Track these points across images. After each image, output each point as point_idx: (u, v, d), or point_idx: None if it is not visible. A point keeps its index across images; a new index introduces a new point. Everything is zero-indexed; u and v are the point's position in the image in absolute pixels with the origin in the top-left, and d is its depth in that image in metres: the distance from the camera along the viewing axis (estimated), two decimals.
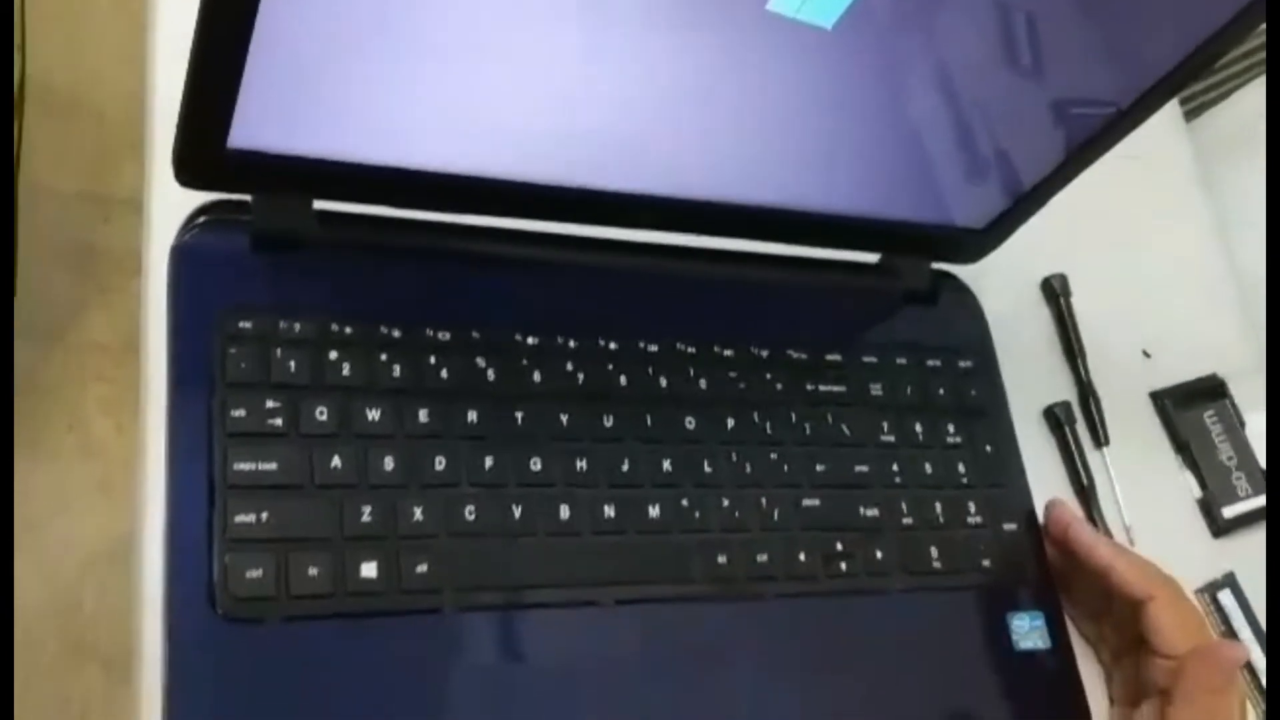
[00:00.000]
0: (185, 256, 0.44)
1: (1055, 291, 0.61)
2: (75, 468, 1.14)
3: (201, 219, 0.44)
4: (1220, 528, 0.60)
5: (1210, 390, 0.62)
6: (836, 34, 0.41)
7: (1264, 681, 0.56)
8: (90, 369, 1.18)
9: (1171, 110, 0.72)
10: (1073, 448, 0.58)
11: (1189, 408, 0.61)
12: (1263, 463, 0.61)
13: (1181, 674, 0.47)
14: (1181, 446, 0.61)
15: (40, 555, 1.10)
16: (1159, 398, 0.62)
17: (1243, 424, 0.61)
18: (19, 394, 1.13)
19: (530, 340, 0.47)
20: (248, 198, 0.44)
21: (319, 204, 0.45)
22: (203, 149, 0.40)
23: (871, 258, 0.57)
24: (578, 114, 0.43)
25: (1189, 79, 0.48)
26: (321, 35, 0.37)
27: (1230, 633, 0.58)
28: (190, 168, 0.41)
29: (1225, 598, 0.58)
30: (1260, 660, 0.57)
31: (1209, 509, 0.60)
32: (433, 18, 0.37)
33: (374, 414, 0.43)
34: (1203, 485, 0.60)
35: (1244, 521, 0.60)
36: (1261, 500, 0.60)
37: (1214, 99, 0.79)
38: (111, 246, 1.23)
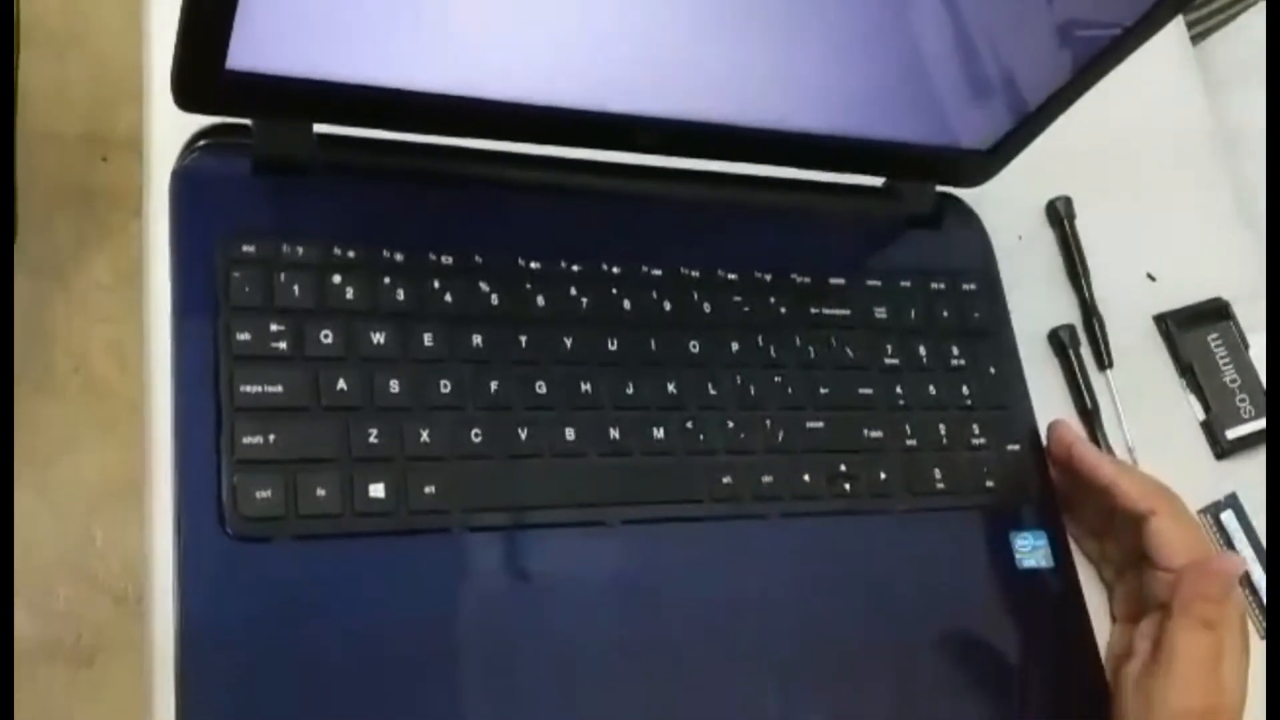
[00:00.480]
0: (186, 180, 0.43)
1: (1060, 214, 0.61)
2: (81, 408, 1.15)
3: (201, 143, 0.44)
4: (1223, 449, 0.60)
5: (1214, 312, 0.62)
6: None
7: (1265, 600, 0.57)
8: (93, 310, 1.18)
9: (1178, 32, 0.71)
10: (1076, 370, 0.58)
11: (1192, 330, 0.61)
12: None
13: (1179, 585, 0.48)
14: (1185, 369, 0.61)
15: (50, 493, 1.11)
16: (1162, 320, 0.61)
17: (1246, 346, 0.61)
18: (23, 335, 1.14)
19: (533, 265, 0.47)
20: (247, 121, 0.44)
21: (320, 127, 0.45)
22: (201, 70, 0.40)
23: (876, 181, 0.56)
24: (580, 36, 0.43)
25: None
26: None
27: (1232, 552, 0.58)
28: (189, 90, 0.41)
29: (1228, 518, 0.59)
30: (1262, 580, 0.58)
31: (1212, 431, 0.60)
32: None
33: (378, 337, 0.43)
34: (1206, 408, 0.60)
35: (1247, 443, 0.60)
36: (1264, 422, 0.60)
37: (1220, 22, 0.78)
38: (111, 187, 1.22)
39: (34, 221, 1.18)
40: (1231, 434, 0.60)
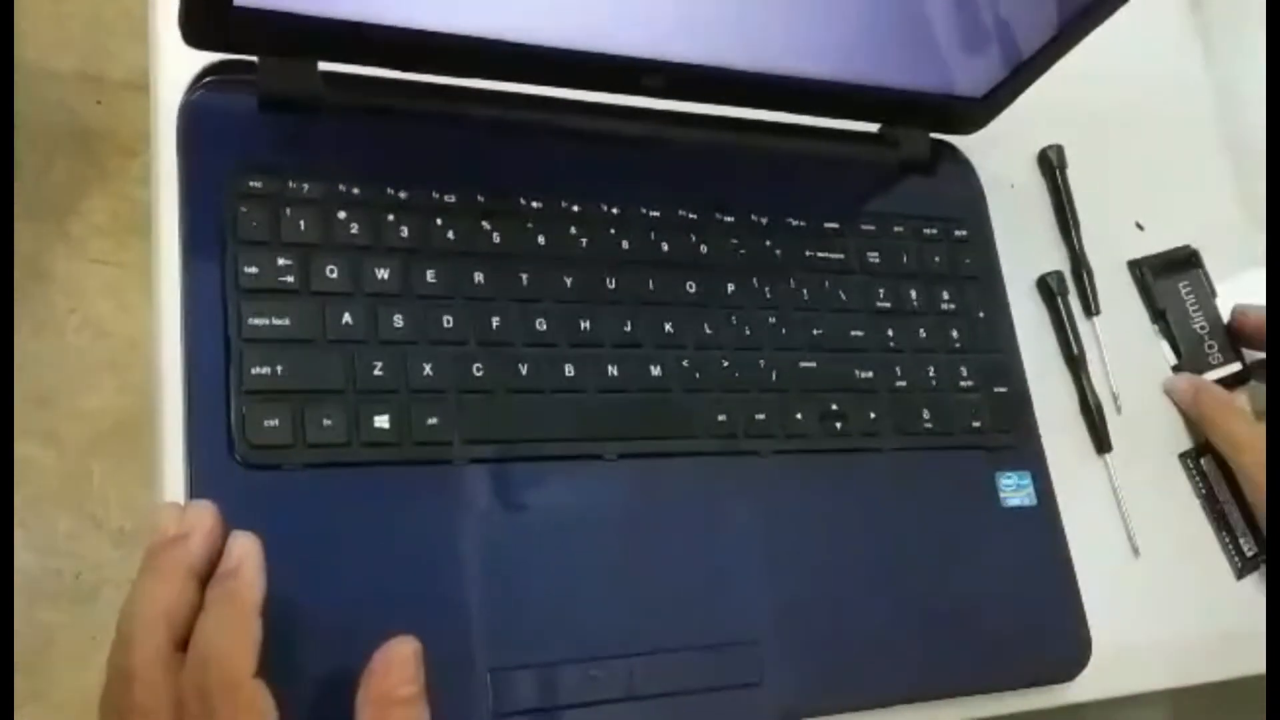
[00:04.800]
0: (193, 116, 0.44)
1: (1052, 163, 0.62)
2: (81, 348, 1.15)
3: (207, 80, 0.45)
4: None
5: (1184, 260, 0.63)
6: None
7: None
8: (90, 252, 1.18)
9: None
10: (1064, 317, 0.59)
11: (1165, 277, 0.62)
12: None
13: None
14: (1158, 315, 0.62)
15: (49, 432, 1.12)
16: (1137, 266, 0.63)
17: (1214, 293, 0.63)
18: (21, 276, 1.14)
19: (534, 204, 0.48)
20: (254, 59, 0.45)
21: (325, 65, 0.45)
22: (209, 7, 0.41)
23: (871, 127, 0.57)
24: None
25: None
26: None
27: (1210, 497, 0.59)
28: (197, 26, 0.42)
29: (1207, 463, 0.60)
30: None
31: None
32: None
33: (383, 273, 0.44)
34: (1177, 353, 0.61)
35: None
36: (1233, 368, 0.61)
37: None
38: (107, 129, 1.22)
39: (30, 163, 1.18)
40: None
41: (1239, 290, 0.63)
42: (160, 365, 0.43)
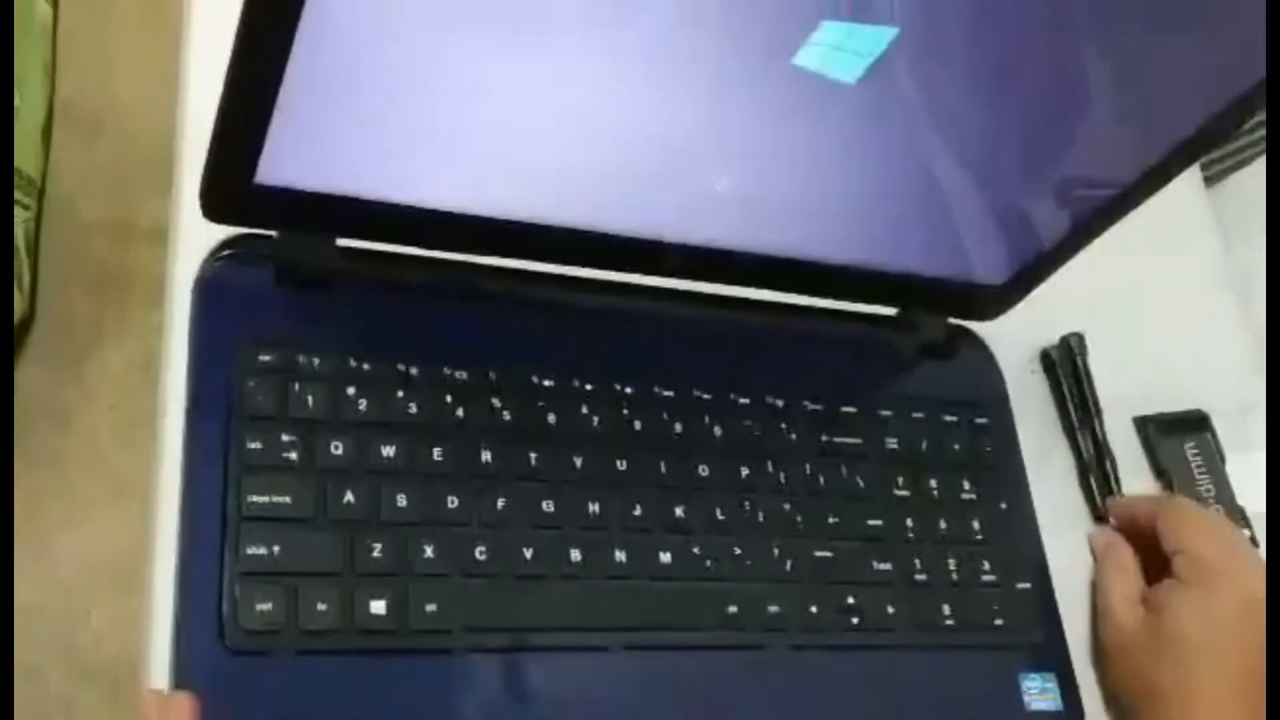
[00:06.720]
0: (209, 289, 0.44)
1: (1072, 350, 0.61)
2: (87, 488, 1.14)
3: (226, 252, 0.45)
4: None
5: (1192, 422, 0.62)
6: (860, 90, 0.41)
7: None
8: (105, 396, 1.18)
9: (1192, 174, 0.72)
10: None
11: (1171, 436, 0.61)
12: (1241, 500, 0.60)
13: None
14: (1160, 473, 0.61)
15: (48, 576, 1.10)
16: (1142, 423, 0.61)
17: (1223, 459, 0.61)
18: (34, 418, 1.14)
19: (546, 382, 0.47)
20: (272, 233, 0.45)
21: (343, 241, 0.45)
22: (230, 184, 0.41)
23: (889, 311, 0.57)
24: (600, 161, 0.44)
25: (1210, 145, 0.48)
26: (351, 75, 0.38)
27: None
28: (217, 202, 0.42)
29: None
30: None
31: None
32: (460, 62, 0.38)
33: (389, 450, 0.43)
34: None
35: None
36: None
37: (1232, 166, 0.79)
38: (132, 277, 1.23)
39: (54, 306, 1.19)
40: None
41: (1250, 464, 0.62)
42: (156, 536, 0.41)
